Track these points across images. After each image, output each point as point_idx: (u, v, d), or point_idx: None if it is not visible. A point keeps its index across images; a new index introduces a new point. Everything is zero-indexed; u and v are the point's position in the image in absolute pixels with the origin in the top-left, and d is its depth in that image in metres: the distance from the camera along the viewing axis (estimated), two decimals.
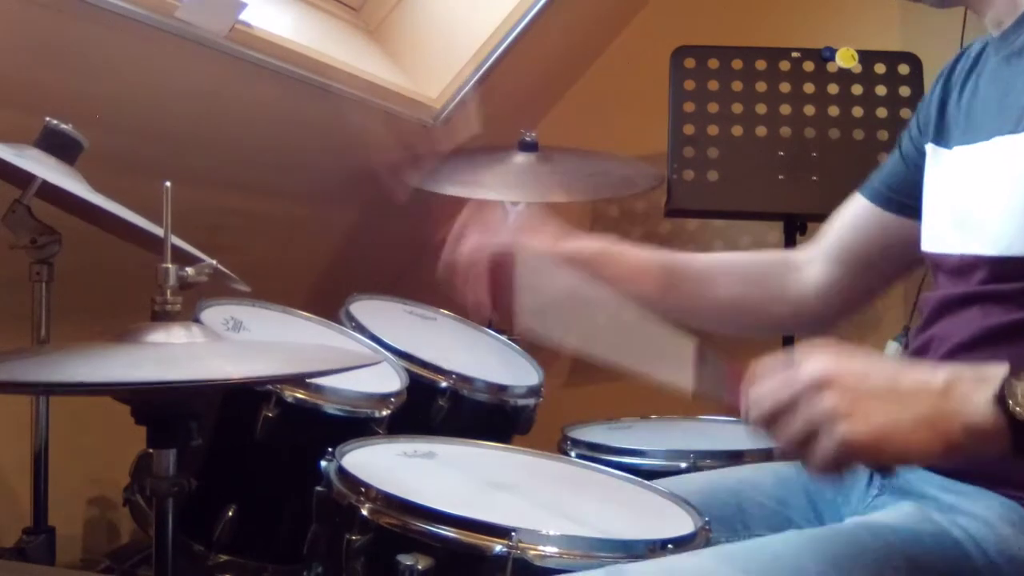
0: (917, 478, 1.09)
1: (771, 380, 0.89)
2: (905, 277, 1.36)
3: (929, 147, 1.22)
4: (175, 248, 1.13)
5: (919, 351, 1.16)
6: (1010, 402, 0.82)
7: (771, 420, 0.88)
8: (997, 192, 1.07)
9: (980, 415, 0.83)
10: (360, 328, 1.75)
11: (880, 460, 0.86)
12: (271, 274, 2.22)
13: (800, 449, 0.86)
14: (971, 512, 1.03)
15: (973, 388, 0.84)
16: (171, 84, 1.70)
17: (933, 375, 0.86)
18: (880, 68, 2.22)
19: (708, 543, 1.13)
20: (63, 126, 1.33)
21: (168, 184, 1.01)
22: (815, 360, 0.87)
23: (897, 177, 1.31)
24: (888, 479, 0.89)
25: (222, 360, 1.03)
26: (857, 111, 2.22)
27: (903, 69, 2.22)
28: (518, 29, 2.27)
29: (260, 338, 1.62)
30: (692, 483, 1.34)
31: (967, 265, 1.10)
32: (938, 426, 0.84)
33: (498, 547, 1.04)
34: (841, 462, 0.84)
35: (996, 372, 0.84)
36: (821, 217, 2.34)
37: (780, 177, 2.21)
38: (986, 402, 0.83)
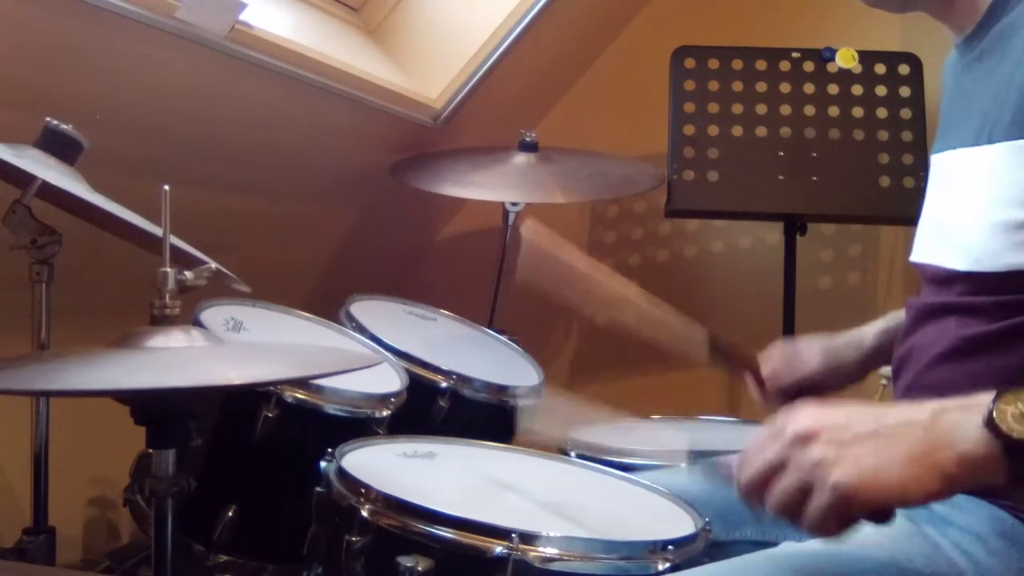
0: None
1: (757, 444, 0.89)
2: None
3: None
4: (175, 249, 1.13)
5: (901, 360, 1.16)
6: (1002, 426, 0.79)
7: (762, 483, 0.87)
8: (964, 205, 1.08)
9: (972, 442, 0.81)
10: (360, 328, 1.75)
11: (876, 502, 0.83)
12: (271, 274, 2.22)
13: (796, 508, 0.85)
14: (962, 525, 1.03)
15: (961, 416, 0.82)
16: (171, 84, 1.70)
17: (918, 410, 0.85)
18: (880, 68, 2.22)
19: (708, 544, 1.13)
20: (63, 126, 1.33)
21: (167, 188, 1.01)
22: (796, 417, 0.87)
23: None
24: (886, 525, 0.88)
25: (221, 364, 1.03)
26: (857, 111, 2.22)
27: (903, 69, 2.22)
28: (518, 29, 2.27)
29: (260, 338, 1.62)
30: (689, 478, 1.34)
31: (943, 277, 1.11)
32: (930, 459, 0.82)
33: (498, 548, 1.04)
34: (839, 514, 0.82)
35: (983, 398, 0.82)
36: (821, 217, 2.38)
37: (780, 177, 2.21)
38: (976, 428, 0.81)
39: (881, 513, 0.85)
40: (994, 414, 0.80)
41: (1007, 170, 1.02)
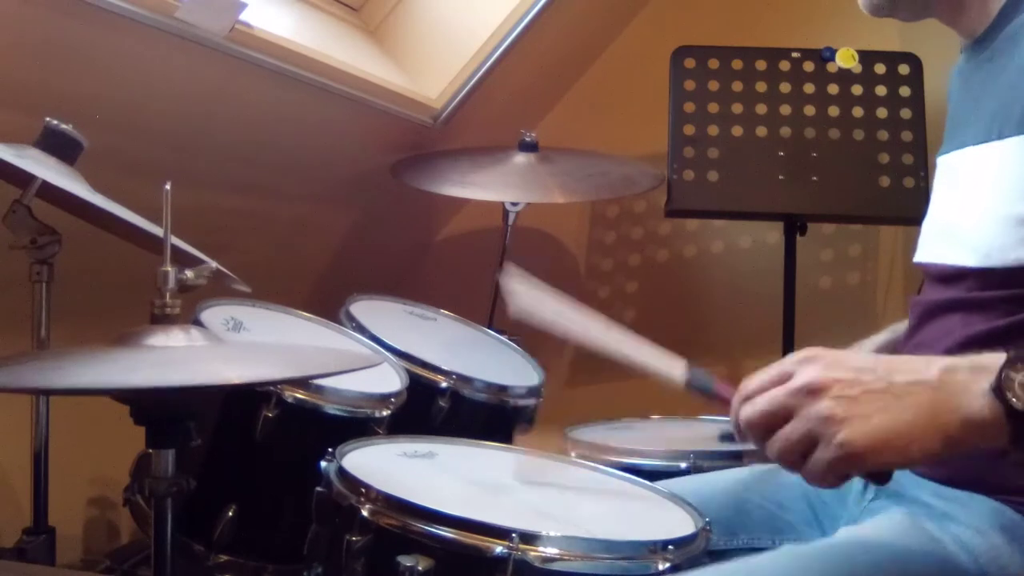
0: (910, 483, 1.09)
1: (763, 388, 0.89)
2: None
3: None
4: (175, 248, 1.13)
5: None
6: (1008, 393, 0.81)
7: (765, 429, 0.87)
8: (973, 201, 1.08)
9: (977, 406, 0.82)
10: (360, 328, 1.75)
11: (880, 463, 0.85)
12: (271, 274, 2.22)
13: (797, 458, 0.86)
14: (963, 520, 1.03)
15: (970, 378, 0.83)
16: (171, 84, 1.70)
17: (927, 369, 0.86)
18: (880, 68, 2.22)
19: (708, 544, 1.13)
20: (63, 126, 1.33)
21: (168, 187, 1.01)
22: (807, 367, 0.87)
23: None
24: (882, 487, 0.88)
25: (221, 363, 1.03)
26: (857, 111, 2.22)
27: (903, 69, 2.22)
28: (518, 29, 2.27)
29: (260, 338, 1.62)
30: (692, 484, 1.34)
31: (950, 274, 1.11)
32: (935, 421, 0.83)
33: (498, 548, 1.04)
34: (840, 470, 0.84)
35: (993, 361, 0.83)
36: (821, 217, 2.38)
37: (780, 177, 2.21)
38: (983, 393, 0.82)
39: (880, 473, 0.86)
40: (1002, 381, 0.81)
41: (1017, 165, 1.02)
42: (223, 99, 1.84)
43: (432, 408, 1.67)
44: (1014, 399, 0.81)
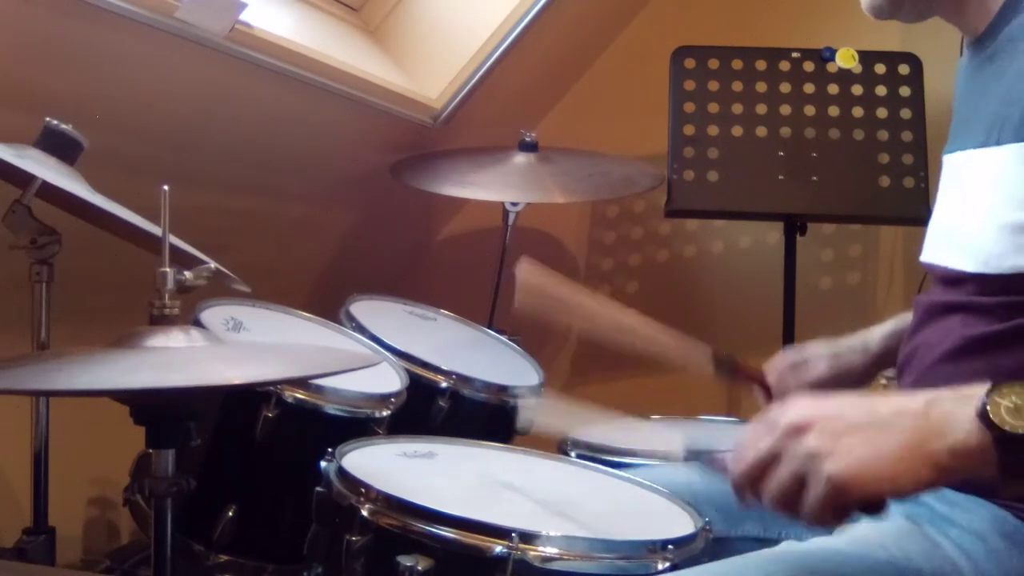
0: None
1: (751, 437, 0.89)
2: None
3: None
4: (175, 249, 1.13)
5: (907, 358, 1.16)
6: (993, 418, 0.80)
7: (757, 476, 0.87)
8: (973, 206, 1.08)
9: (964, 433, 0.81)
10: (360, 328, 1.75)
11: (870, 493, 0.84)
12: (271, 274, 2.22)
13: (792, 501, 0.85)
14: (963, 524, 1.03)
15: (954, 407, 0.83)
16: (171, 84, 1.70)
17: (912, 400, 0.85)
18: (880, 68, 2.22)
19: (707, 544, 1.13)
20: (63, 126, 1.33)
21: (166, 188, 1.01)
22: (791, 409, 0.87)
23: None
24: (879, 518, 0.88)
25: (221, 364, 1.03)
26: (857, 111, 2.22)
27: (903, 69, 2.22)
28: (518, 29, 2.27)
29: (260, 338, 1.62)
30: (690, 475, 1.34)
31: (952, 278, 1.11)
32: (922, 449, 0.82)
33: (498, 548, 1.04)
34: (835, 506, 0.83)
35: (977, 390, 0.82)
36: (821, 217, 2.38)
37: (780, 177, 2.21)
38: (968, 419, 0.81)
39: (875, 505, 0.85)
40: (987, 406, 0.81)
41: (1015, 172, 1.02)
42: (223, 99, 1.84)
43: (432, 408, 1.67)
44: (999, 422, 0.80)
